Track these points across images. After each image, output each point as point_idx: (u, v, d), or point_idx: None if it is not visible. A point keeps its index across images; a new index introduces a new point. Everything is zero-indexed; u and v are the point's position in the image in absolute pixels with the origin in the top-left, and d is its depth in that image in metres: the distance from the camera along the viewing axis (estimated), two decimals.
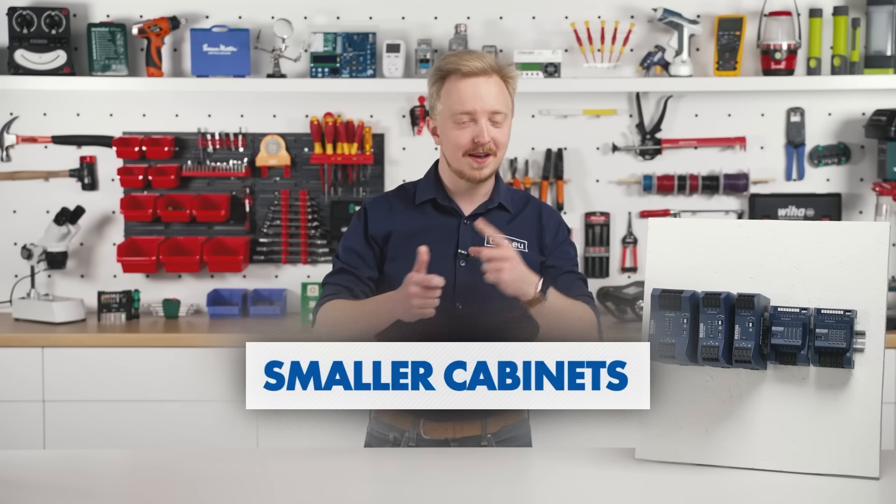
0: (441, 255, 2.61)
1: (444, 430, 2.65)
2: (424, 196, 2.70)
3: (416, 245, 2.61)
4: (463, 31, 4.39)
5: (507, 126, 2.63)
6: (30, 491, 2.29)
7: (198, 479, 2.38)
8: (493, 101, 2.59)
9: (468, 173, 2.62)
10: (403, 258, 2.63)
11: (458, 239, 2.65)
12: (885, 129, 4.30)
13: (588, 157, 4.55)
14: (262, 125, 4.54)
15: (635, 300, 4.29)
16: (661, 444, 2.47)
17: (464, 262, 2.62)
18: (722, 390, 2.44)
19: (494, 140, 2.60)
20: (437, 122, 2.66)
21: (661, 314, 2.38)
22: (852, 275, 2.36)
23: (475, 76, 2.59)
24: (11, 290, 4.49)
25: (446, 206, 2.68)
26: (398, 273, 2.63)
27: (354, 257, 2.69)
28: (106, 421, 4.11)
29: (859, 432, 2.34)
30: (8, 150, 4.50)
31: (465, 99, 2.58)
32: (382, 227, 2.69)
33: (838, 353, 2.31)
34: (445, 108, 2.62)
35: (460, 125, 2.60)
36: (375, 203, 2.74)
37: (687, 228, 2.50)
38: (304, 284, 4.42)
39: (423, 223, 2.67)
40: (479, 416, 2.65)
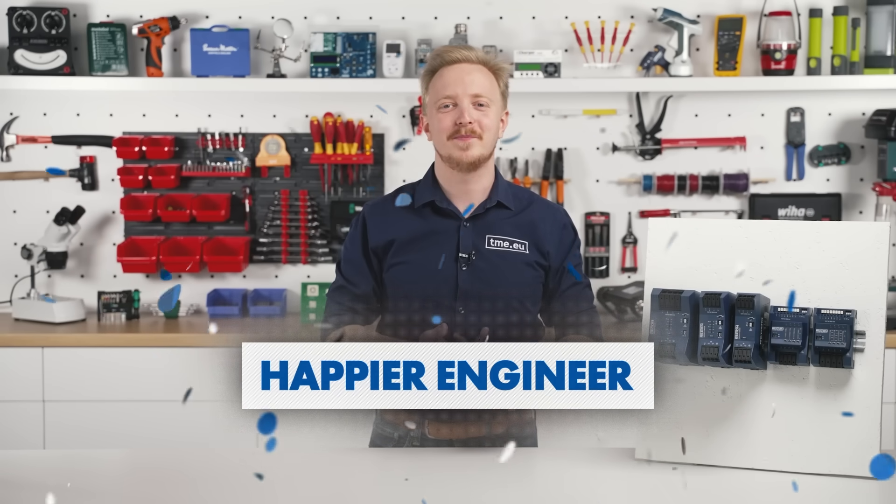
0: (441, 259, 2.62)
1: (449, 430, 2.65)
2: (422, 199, 2.68)
3: (418, 250, 2.61)
4: (463, 31, 4.39)
5: (493, 113, 2.62)
6: (30, 491, 2.29)
7: (198, 479, 2.39)
8: (475, 86, 2.59)
9: (456, 155, 2.60)
10: (406, 264, 2.63)
11: (459, 241, 2.64)
12: (885, 129, 4.30)
13: (588, 157, 4.55)
14: (262, 125, 4.54)
15: (635, 300, 4.29)
16: (661, 444, 2.47)
17: (465, 266, 2.62)
18: (722, 390, 2.44)
19: (479, 122, 2.59)
20: (426, 115, 2.67)
21: (661, 314, 2.38)
22: (852, 275, 2.36)
23: (459, 63, 2.61)
24: (11, 290, 4.49)
25: (445, 209, 2.67)
26: (401, 278, 2.64)
27: (354, 272, 2.70)
28: (106, 421, 4.11)
29: (859, 432, 2.34)
30: (8, 150, 4.50)
31: (448, 84, 2.60)
32: (382, 236, 2.68)
33: (838, 353, 2.31)
34: (431, 98, 2.64)
35: (443, 110, 2.61)
36: (374, 211, 2.73)
37: (687, 228, 2.50)
38: (304, 284, 4.41)
39: (422, 228, 2.66)
40: (483, 417, 2.65)
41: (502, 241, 2.65)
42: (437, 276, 2.61)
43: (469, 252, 2.62)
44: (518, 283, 2.65)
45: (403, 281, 2.64)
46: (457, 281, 2.61)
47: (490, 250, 2.64)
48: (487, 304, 2.62)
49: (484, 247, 2.64)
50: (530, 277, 2.67)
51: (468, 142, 2.59)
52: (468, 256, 2.61)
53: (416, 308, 2.63)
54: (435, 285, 2.62)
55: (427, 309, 2.61)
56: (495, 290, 2.62)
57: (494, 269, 2.63)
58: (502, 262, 2.63)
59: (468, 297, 2.61)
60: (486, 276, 2.62)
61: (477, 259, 2.62)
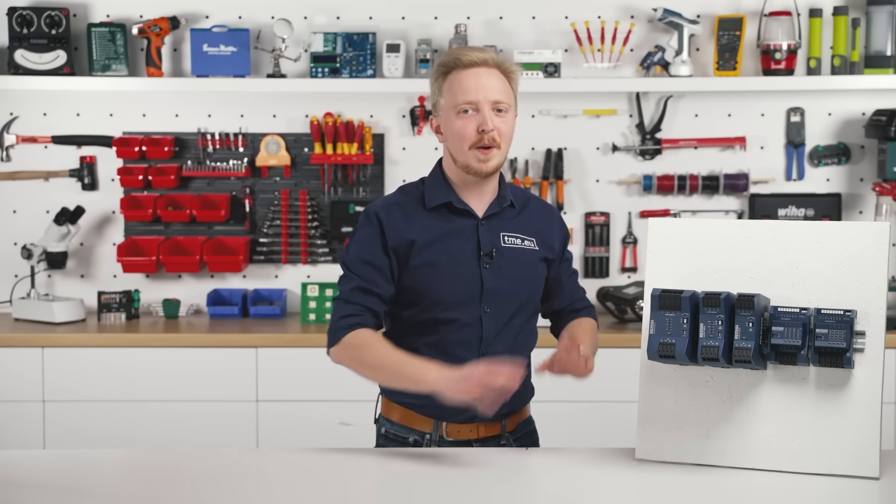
0: (465, 258, 2.61)
1: (469, 431, 2.65)
2: (437, 200, 2.64)
3: (441, 251, 2.59)
4: (463, 31, 4.38)
5: (510, 119, 2.60)
6: (30, 491, 2.29)
7: (198, 479, 2.38)
8: (495, 92, 2.56)
9: (475, 167, 2.58)
10: (431, 265, 2.60)
11: (479, 241, 2.64)
12: (885, 129, 4.30)
13: (588, 157, 4.55)
14: (262, 125, 4.54)
15: (635, 300, 4.28)
16: (661, 444, 2.47)
17: (487, 265, 2.62)
18: (722, 390, 2.44)
19: (498, 130, 2.56)
20: (441, 117, 2.63)
21: (661, 314, 2.38)
22: (852, 275, 2.36)
23: (476, 66, 2.57)
24: (11, 290, 4.49)
25: (460, 209, 2.64)
26: (427, 279, 2.60)
27: (372, 271, 2.60)
28: (106, 421, 4.11)
29: (859, 432, 2.34)
30: (8, 150, 4.50)
31: (468, 89, 2.56)
32: (402, 236, 2.61)
33: (838, 353, 2.31)
34: (448, 102, 2.59)
35: (464, 116, 2.57)
36: (388, 210, 2.64)
37: (687, 228, 2.51)
38: (304, 284, 4.41)
39: (442, 228, 2.63)
40: (499, 416, 2.65)
41: (516, 239, 2.66)
42: (464, 275, 2.61)
43: (490, 250, 2.62)
44: (532, 279, 2.67)
45: (430, 282, 2.60)
46: (482, 279, 2.61)
47: (507, 248, 2.64)
48: (508, 302, 2.63)
49: (501, 245, 2.64)
50: (541, 274, 2.70)
51: (490, 154, 2.57)
52: (490, 255, 2.61)
53: (443, 308, 2.61)
54: (461, 285, 2.60)
55: (454, 309, 2.60)
56: (516, 288, 2.64)
57: (512, 266, 2.64)
58: (518, 260, 2.65)
59: (493, 295, 2.61)
60: (507, 273, 2.63)
61: (497, 257, 2.62)
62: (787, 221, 2.50)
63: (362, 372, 2.57)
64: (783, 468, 2.39)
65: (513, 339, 2.64)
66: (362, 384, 2.95)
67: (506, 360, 2.42)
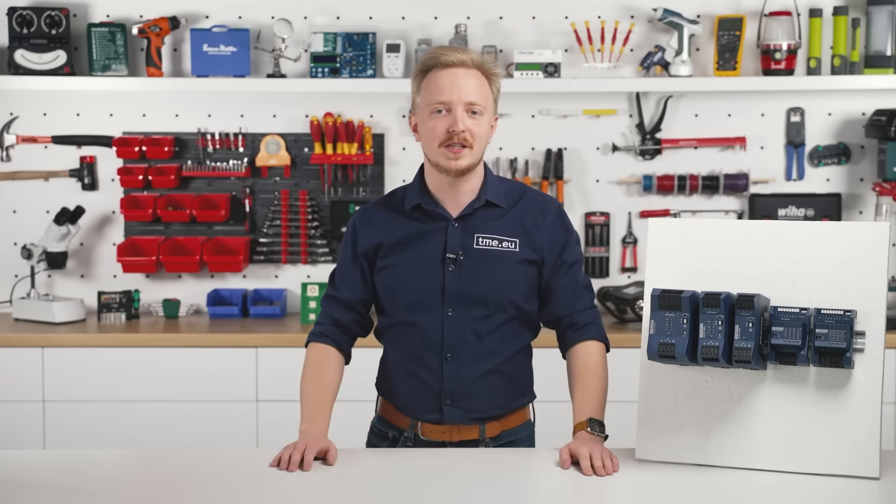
0: (430, 260, 2.60)
1: (442, 432, 2.65)
2: (411, 202, 2.65)
3: (404, 252, 2.61)
4: (463, 31, 4.39)
5: (485, 121, 2.58)
6: (30, 491, 2.30)
7: (198, 479, 2.39)
8: (469, 93, 2.55)
9: (444, 164, 2.56)
10: (393, 266, 2.63)
11: (446, 242, 2.63)
12: (885, 129, 4.30)
13: (588, 157, 4.55)
14: (262, 125, 4.54)
15: (635, 300, 4.28)
16: (661, 444, 2.47)
17: (452, 267, 2.60)
18: (722, 390, 2.44)
19: (470, 131, 2.54)
20: (417, 115, 2.63)
21: (661, 314, 2.38)
22: (852, 275, 2.36)
23: (453, 67, 2.56)
24: (11, 290, 4.49)
25: (432, 211, 2.64)
26: (389, 281, 2.64)
27: (342, 278, 2.70)
28: (106, 421, 4.11)
29: (859, 432, 2.34)
30: (8, 150, 4.50)
31: (442, 89, 2.55)
32: (371, 239, 2.66)
33: (838, 353, 2.31)
34: (423, 101, 2.59)
35: (436, 116, 2.56)
36: (365, 215, 2.70)
37: (687, 228, 2.50)
38: (304, 284, 4.41)
39: (410, 230, 2.64)
40: (477, 421, 2.65)
41: (491, 241, 2.61)
42: (425, 277, 2.60)
43: (456, 252, 2.60)
44: (510, 281, 2.61)
45: (391, 283, 2.63)
46: (444, 282, 2.60)
47: (479, 250, 2.60)
48: (477, 305, 2.59)
49: (472, 246, 2.61)
50: (523, 275, 2.63)
51: (460, 153, 2.55)
52: (455, 257, 2.59)
53: (405, 310, 2.62)
54: (422, 287, 2.60)
55: (416, 311, 2.61)
56: (484, 291, 2.60)
57: (483, 269, 2.60)
58: (492, 262, 2.60)
59: (456, 298, 2.59)
60: (474, 276, 2.59)
61: (465, 259, 2.60)
62: (787, 221, 2.50)
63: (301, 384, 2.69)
64: (783, 468, 2.39)
65: (479, 344, 2.61)
66: (361, 384, 2.96)
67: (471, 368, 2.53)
